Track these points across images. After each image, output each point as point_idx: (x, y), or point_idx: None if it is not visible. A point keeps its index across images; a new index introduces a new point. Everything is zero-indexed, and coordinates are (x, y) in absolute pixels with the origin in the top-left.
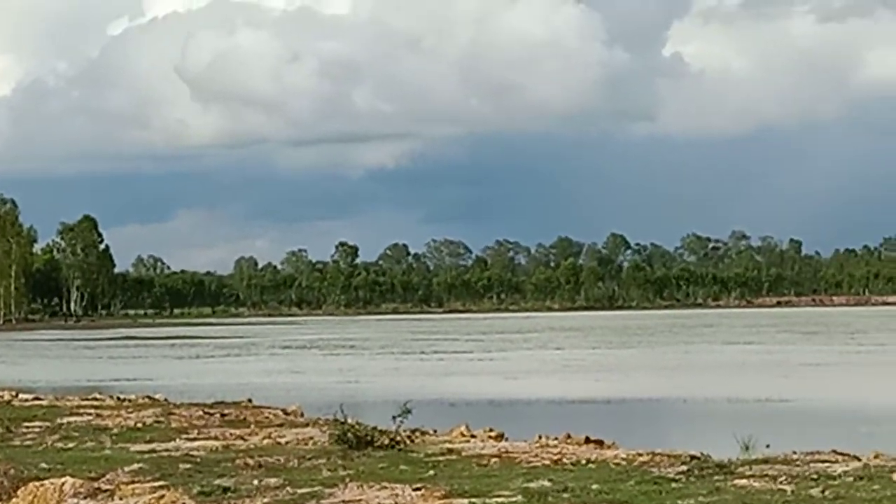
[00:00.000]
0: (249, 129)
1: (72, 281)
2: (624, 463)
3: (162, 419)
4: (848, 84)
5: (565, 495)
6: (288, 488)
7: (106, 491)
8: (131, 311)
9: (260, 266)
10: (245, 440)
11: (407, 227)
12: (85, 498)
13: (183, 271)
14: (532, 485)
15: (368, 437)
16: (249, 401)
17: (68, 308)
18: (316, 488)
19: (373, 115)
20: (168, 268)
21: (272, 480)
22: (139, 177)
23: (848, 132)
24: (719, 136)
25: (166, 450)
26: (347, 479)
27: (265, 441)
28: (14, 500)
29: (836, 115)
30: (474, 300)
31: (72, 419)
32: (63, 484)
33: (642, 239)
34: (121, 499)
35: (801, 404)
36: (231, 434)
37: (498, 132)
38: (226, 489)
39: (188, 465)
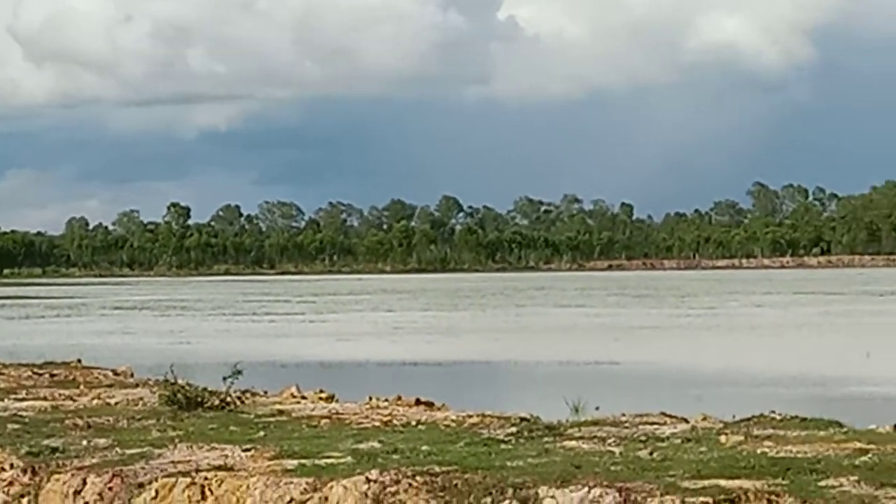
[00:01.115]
0: (82, 89)
1: None
2: (454, 424)
3: None
4: (680, 49)
5: (395, 456)
6: (117, 448)
7: None
8: None
9: (91, 226)
10: (74, 401)
11: (240, 189)
12: None
13: (13, 231)
14: (362, 446)
15: (198, 399)
16: (79, 361)
17: None
18: (145, 449)
19: (206, 77)
20: None
21: (101, 441)
22: None
23: (680, 97)
24: (553, 100)
25: None
26: (177, 440)
27: (94, 402)
28: None
29: (669, 80)
30: (306, 262)
31: None
32: None
33: (475, 202)
34: None
35: (630, 367)
36: (60, 394)
37: (332, 95)
38: (54, 449)
39: (16, 426)
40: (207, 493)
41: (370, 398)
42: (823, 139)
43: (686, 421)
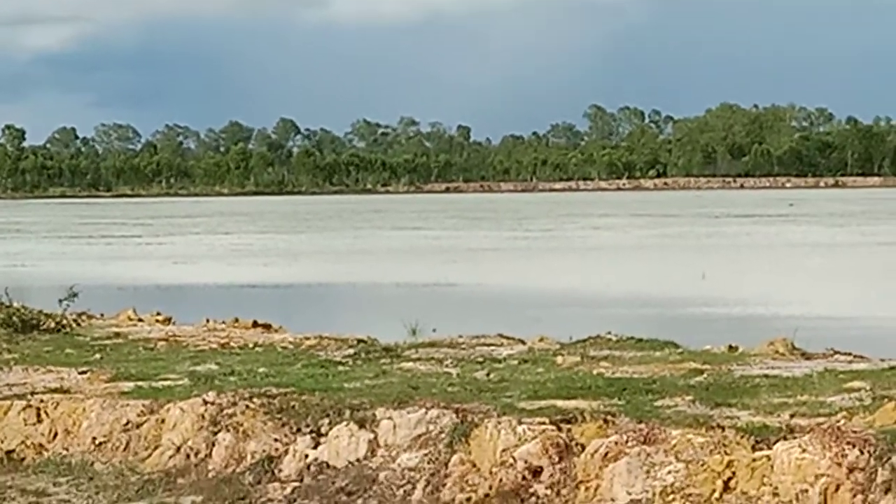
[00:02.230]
0: None
1: None
2: (291, 346)
3: None
4: None
5: (232, 378)
6: None
7: None
8: None
9: None
10: None
11: (76, 111)
12: None
13: None
14: (199, 368)
15: (34, 321)
16: None
17: None
18: None
19: None
20: None
21: None
22: None
23: (518, 20)
24: (391, 22)
25: None
26: (12, 363)
27: None
28: None
29: (507, 2)
30: (143, 185)
31: None
32: None
33: (312, 124)
34: None
35: (468, 289)
36: None
37: (169, 16)
38: None
39: None
40: (43, 415)
41: (207, 321)
42: (660, 62)
43: (523, 342)
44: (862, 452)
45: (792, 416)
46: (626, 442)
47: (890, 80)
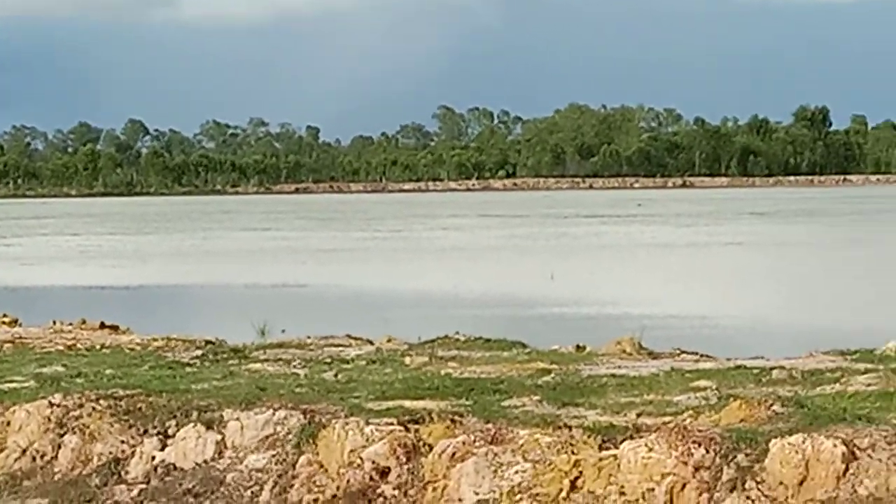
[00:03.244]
0: None
1: None
2: (139, 348)
3: None
4: None
5: (79, 380)
6: None
7: None
8: None
9: None
10: None
11: None
12: None
13: None
14: (45, 370)
15: None
16: None
17: None
18: None
19: None
20: None
21: None
22: None
23: (368, 20)
24: (241, 22)
25: None
26: None
27: None
28: None
29: (358, 3)
30: None
31: None
32: None
33: (161, 125)
34: None
35: (317, 289)
36: None
37: (17, 16)
38: None
39: None
40: None
41: (54, 322)
42: (509, 63)
43: (371, 343)
44: (707, 451)
45: (638, 415)
46: (474, 442)
47: (737, 81)
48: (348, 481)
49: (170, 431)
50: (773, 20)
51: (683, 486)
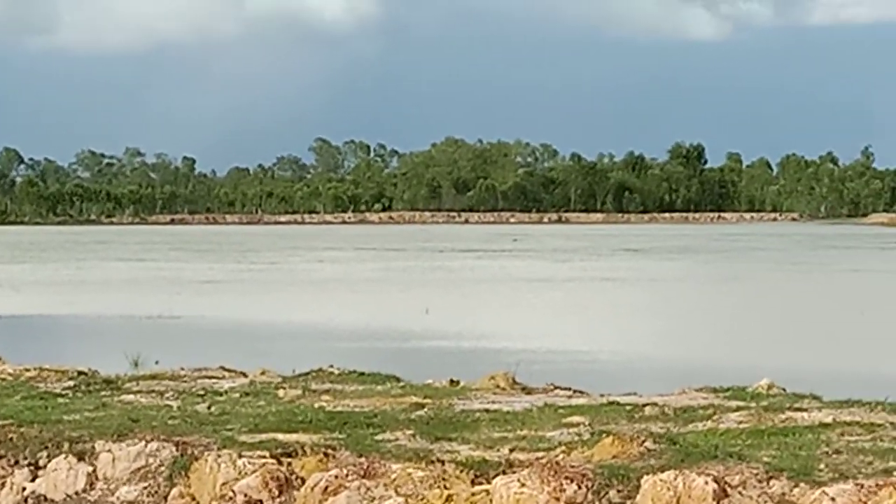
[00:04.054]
0: None
1: None
2: (10, 378)
3: None
4: (244, 3)
5: None
6: None
7: None
8: None
9: None
10: None
11: None
12: None
13: None
14: None
15: None
16: None
17: None
18: None
19: None
20: None
21: None
22: None
23: (246, 50)
24: (118, 51)
25: None
26: None
27: None
28: None
29: (234, 34)
30: None
31: None
32: None
33: (36, 154)
34: None
35: (192, 321)
36: None
37: None
38: None
39: None
40: None
41: None
42: (386, 96)
43: (245, 375)
44: (580, 487)
45: (511, 450)
46: (347, 476)
47: (613, 118)
48: None
49: (41, 462)
50: (648, 57)
51: None
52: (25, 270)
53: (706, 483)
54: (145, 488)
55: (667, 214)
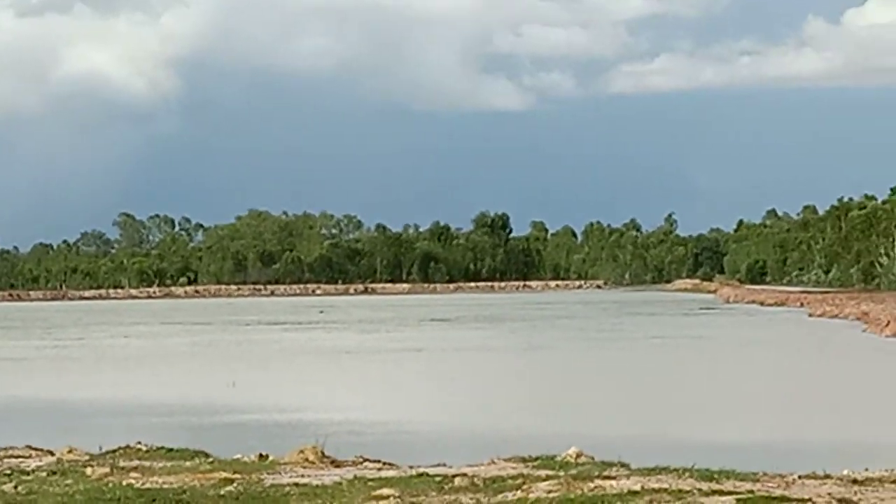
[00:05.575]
0: None
1: None
2: None
3: None
4: (48, 79)
5: None
6: None
7: None
8: None
9: None
10: None
11: None
12: None
13: None
14: None
15: None
16: None
17: None
18: None
19: None
20: None
21: None
22: None
23: (49, 127)
24: None
25: None
26: None
27: None
28: None
29: (38, 109)
30: None
31: None
32: None
33: None
34: None
35: None
36: None
37: None
38: None
39: None
40: None
41: None
42: (190, 170)
43: (52, 453)
44: None
45: None
46: None
47: (417, 188)
48: None
49: None
50: (453, 128)
51: None
52: None
53: None
54: None
55: (473, 284)
